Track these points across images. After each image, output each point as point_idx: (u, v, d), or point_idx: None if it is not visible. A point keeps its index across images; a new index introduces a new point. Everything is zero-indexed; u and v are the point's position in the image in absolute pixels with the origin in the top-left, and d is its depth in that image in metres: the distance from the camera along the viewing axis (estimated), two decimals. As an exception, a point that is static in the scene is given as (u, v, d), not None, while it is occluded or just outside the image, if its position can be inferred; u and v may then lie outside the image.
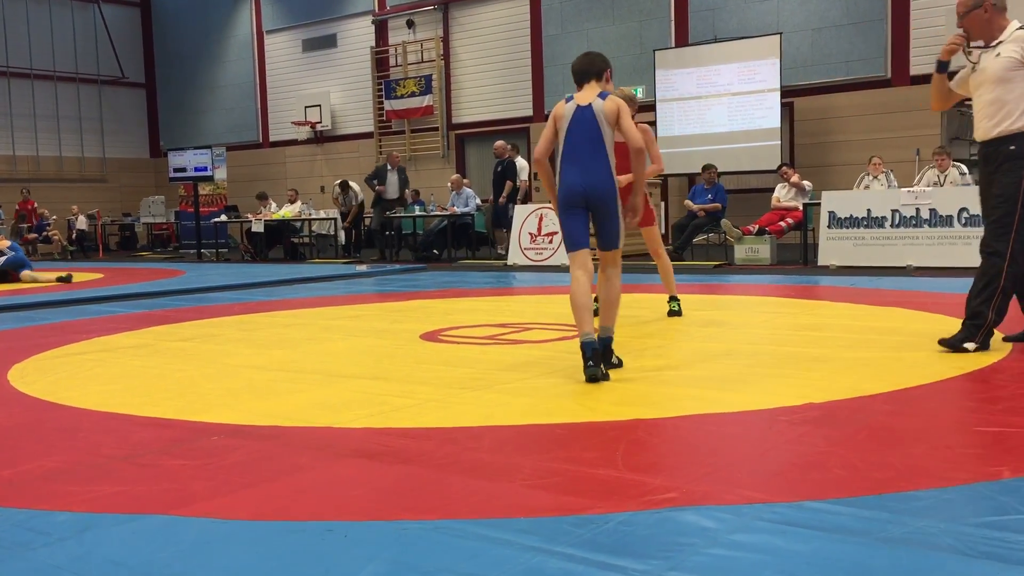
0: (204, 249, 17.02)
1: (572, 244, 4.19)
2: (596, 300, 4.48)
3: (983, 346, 4.42)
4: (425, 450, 2.95)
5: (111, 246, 21.45)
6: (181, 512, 2.40)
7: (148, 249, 21.01)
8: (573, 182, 4.13)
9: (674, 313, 6.25)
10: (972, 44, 4.70)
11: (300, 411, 3.61)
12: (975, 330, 4.43)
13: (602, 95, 4.20)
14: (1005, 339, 4.68)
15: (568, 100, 4.29)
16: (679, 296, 6.42)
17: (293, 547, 2.15)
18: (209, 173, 16.83)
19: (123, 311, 7.71)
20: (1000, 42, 4.49)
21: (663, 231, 14.00)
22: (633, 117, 5.75)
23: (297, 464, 2.83)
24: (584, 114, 4.17)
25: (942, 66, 4.76)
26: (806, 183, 11.53)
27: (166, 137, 23.28)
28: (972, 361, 4.16)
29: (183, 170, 16.98)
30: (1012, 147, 4.38)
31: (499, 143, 14.24)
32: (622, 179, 5.89)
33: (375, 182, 15.07)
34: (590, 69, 4.29)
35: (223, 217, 17.51)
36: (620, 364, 4.27)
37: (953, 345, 4.46)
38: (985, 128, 4.54)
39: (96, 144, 22.84)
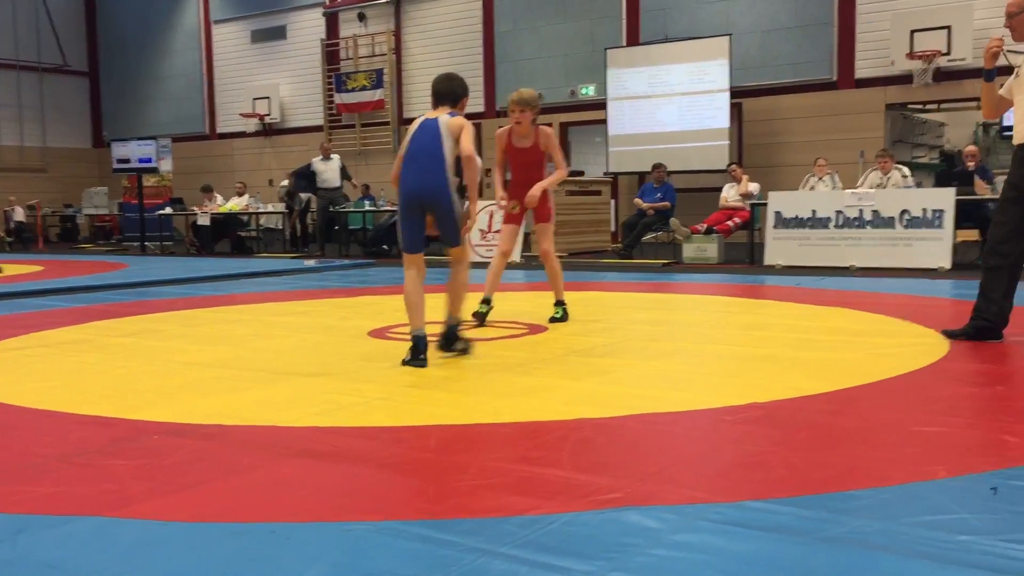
0: (148, 242, 16.72)
1: (406, 247, 4.59)
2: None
3: None
4: (371, 450, 2.93)
5: (51, 238, 20.96)
6: (119, 514, 2.35)
7: (90, 241, 20.55)
8: (410, 184, 4.47)
9: (556, 319, 5.81)
10: (1010, 49, 4.73)
11: (243, 409, 3.56)
12: None
13: (452, 113, 4.56)
14: (944, 332, 4.81)
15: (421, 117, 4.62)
16: (566, 301, 5.96)
17: (235, 549, 2.11)
18: (154, 165, 16.52)
19: (63, 305, 7.53)
20: None
21: (613, 229, 14.11)
22: (535, 121, 5.65)
23: (239, 464, 2.79)
24: (429, 124, 4.52)
25: (989, 75, 4.78)
26: (753, 187, 11.64)
27: (109, 127, 22.81)
28: (910, 362, 4.25)
29: (127, 161, 16.65)
30: None
31: None
32: (535, 188, 5.73)
33: (303, 183, 14.88)
34: (449, 94, 4.64)
35: (168, 210, 17.22)
36: (467, 350, 4.57)
37: None
38: (1022, 131, 4.63)
39: (37, 133, 22.29)
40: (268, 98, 19.50)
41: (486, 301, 5.88)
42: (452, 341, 4.59)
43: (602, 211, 13.81)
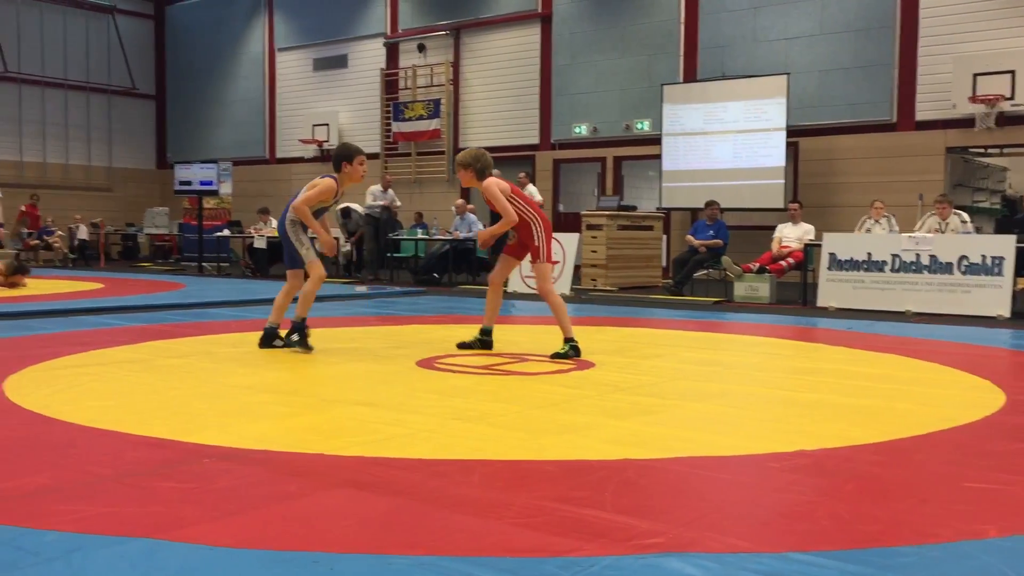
0: (205, 263, 17.06)
1: (286, 264, 6.32)
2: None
3: None
4: (414, 482, 2.95)
5: (113, 255, 21.50)
6: (168, 536, 2.40)
7: (150, 260, 21.05)
8: None
9: (559, 355, 5.79)
10: None
11: (291, 436, 3.62)
12: None
13: (325, 176, 6.08)
14: None
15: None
16: (575, 339, 5.88)
17: (278, 578, 2.15)
18: (214, 187, 16.90)
19: (121, 324, 7.72)
20: None
21: (664, 265, 14.08)
22: (480, 175, 6.04)
23: (286, 491, 2.84)
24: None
25: None
26: (806, 228, 11.50)
27: (173, 149, 23.41)
28: (963, 414, 4.17)
29: (188, 183, 17.06)
30: None
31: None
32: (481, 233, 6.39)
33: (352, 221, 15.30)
34: (333, 160, 6.15)
35: (226, 231, 17.56)
36: (303, 348, 5.93)
37: None
38: None
39: (103, 153, 22.97)
40: (327, 125, 19.86)
41: (484, 332, 6.18)
42: (291, 334, 6.04)
43: (653, 246, 13.78)
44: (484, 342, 6.21)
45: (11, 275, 11.09)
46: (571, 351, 5.84)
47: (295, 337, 6.00)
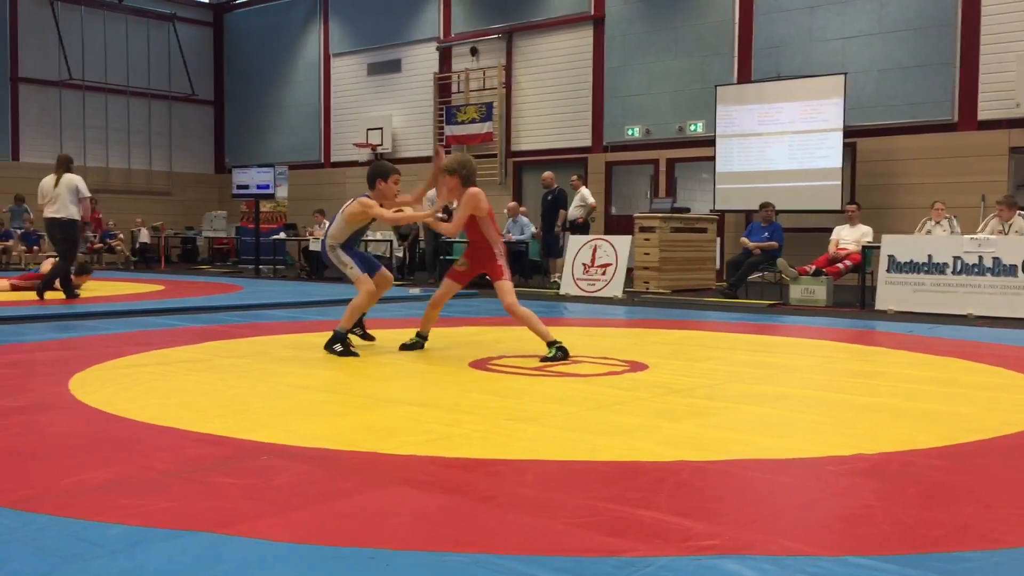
0: (262, 265, 17.32)
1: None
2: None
3: None
4: (468, 481, 2.97)
5: (173, 258, 21.94)
6: (228, 531, 2.45)
7: (208, 263, 21.44)
8: None
9: (549, 359, 5.72)
10: None
11: (346, 434, 3.66)
12: None
13: (361, 195, 6.23)
14: None
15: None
16: (558, 340, 5.85)
17: (336, 573, 2.18)
18: (271, 191, 17.16)
19: (181, 324, 7.88)
20: None
21: (718, 267, 13.94)
22: (464, 183, 5.99)
23: (342, 489, 2.87)
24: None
25: None
26: (864, 230, 11.31)
27: (231, 154, 23.81)
28: (1030, 418, 4.07)
29: (246, 187, 17.34)
30: None
31: (547, 174, 14.44)
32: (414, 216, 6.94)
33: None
34: (368, 180, 6.30)
35: (282, 234, 17.81)
36: (344, 353, 5.84)
37: None
38: None
39: (164, 158, 23.44)
40: (381, 129, 20.04)
41: (419, 335, 6.34)
42: (332, 343, 5.97)
43: (707, 249, 13.66)
44: (418, 343, 6.31)
45: (79, 274, 11.39)
46: (558, 353, 5.77)
47: (338, 347, 5.91)
